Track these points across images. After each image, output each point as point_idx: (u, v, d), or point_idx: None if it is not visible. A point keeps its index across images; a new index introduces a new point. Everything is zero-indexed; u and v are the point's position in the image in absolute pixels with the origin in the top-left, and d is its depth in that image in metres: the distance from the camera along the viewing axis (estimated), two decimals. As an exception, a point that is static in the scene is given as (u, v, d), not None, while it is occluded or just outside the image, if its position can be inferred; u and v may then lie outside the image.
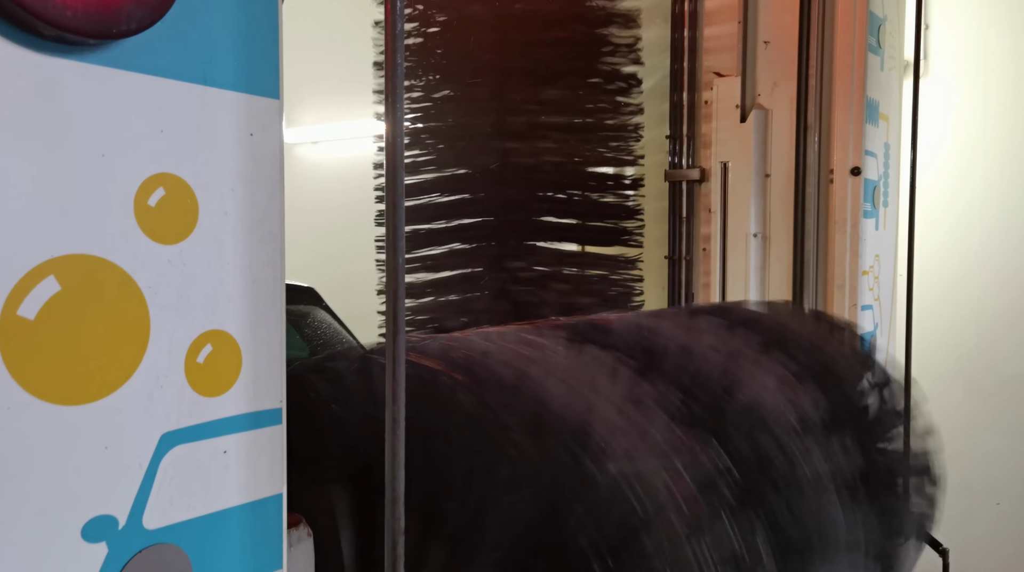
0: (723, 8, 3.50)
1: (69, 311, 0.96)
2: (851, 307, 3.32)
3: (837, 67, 3.27)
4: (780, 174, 3.41)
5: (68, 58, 0.94)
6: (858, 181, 3.27)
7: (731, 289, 3.53)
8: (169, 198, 1.05)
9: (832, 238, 3.33)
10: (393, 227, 1.10)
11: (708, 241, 3.60)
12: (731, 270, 3.52)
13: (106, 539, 1.01)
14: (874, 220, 3.39)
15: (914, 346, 2.95)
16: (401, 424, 1.11)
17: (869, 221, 3.34)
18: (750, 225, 3.47)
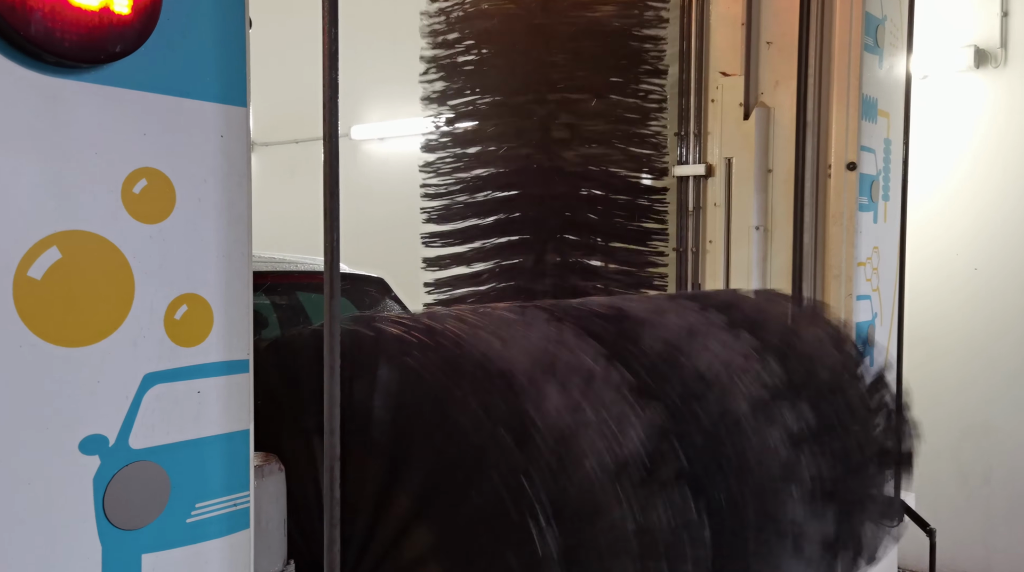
0: (728, 10, 3.65)
1: (68, 274, 1.24)
2: (847, 296, 3.44)
3: (835, 66, 3.40)
4: (781, 169, 3.55)
5: (67, 78, 1.22)
6: (854, 176, 3.39)
7: (735, 279, 3.69)
8: (151, 187, 1.32)
9: (829, 230, 3.46)
10: (330, 209, 1.36)
11: (714, 233, 3.76)
12: (735, 261, 3.69)
13: (99, 453, 1.29)
14: (872, 213, 3.50)
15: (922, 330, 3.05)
16: (336, 370, 1.37)
17: (866, 214, 3.46)
18: (753, 218, 3.62)
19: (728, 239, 3.67)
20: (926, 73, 5.16)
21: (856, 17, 3.32)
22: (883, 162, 3.56)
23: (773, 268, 3.60)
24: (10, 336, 1.18)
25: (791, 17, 3.45)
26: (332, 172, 1.37)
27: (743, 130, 3.62)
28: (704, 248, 3.79)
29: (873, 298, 3.58)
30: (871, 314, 3.58)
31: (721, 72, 3.68)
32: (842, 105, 3.38)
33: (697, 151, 3.77)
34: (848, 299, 3.44)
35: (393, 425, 1.60)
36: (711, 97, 3.72)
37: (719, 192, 3.69)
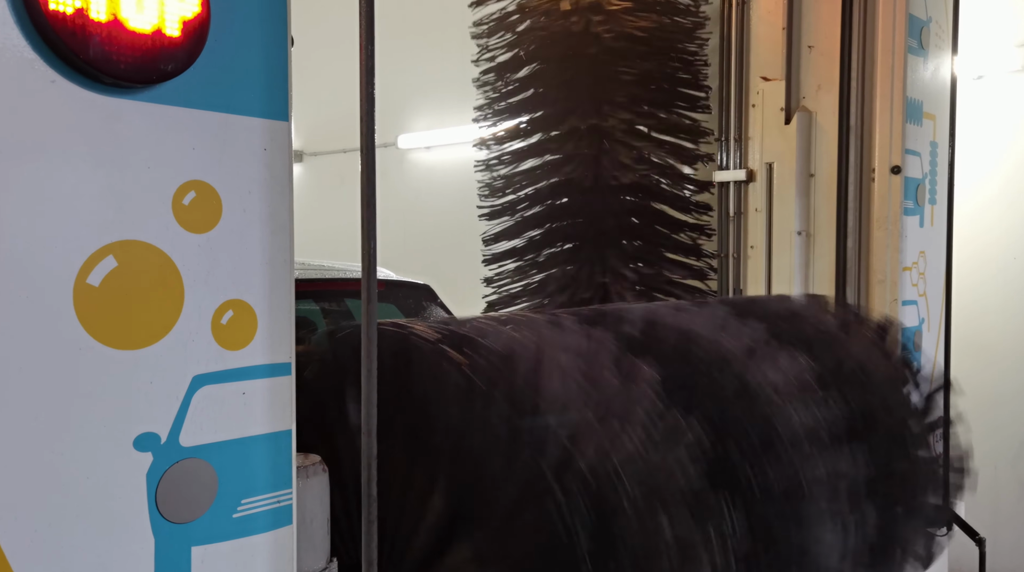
0: (769, 15, 3.65)
1: (123, 281, 1.32)
2: (892, 302, 3.40)
3: (879, 69, 3.37)
4: (823, 174, 3.54)
5: (123, 97, 1.31)
6: (898, 179, 3.35)
7: (777, 284, 3.68)
8: (199, 198, 1.40)
9: (873, 235, 3.42)
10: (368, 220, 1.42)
11: (755, 238, 3.75)
12: (777, 266, 3.67)
13: (151, 450, 1.37)
14: (918, 217, 3.46)
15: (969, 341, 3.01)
16: (374, 376, 1.42)
17: (911, 218, 3.42)
18: (795, 223, 3.61)
19: (770, 244, 3.66)
20: (980, 73, 5.06)
21: (899, 20, 3.29)
22: (929, 165, 3.52)
23: (816, 273, 3.58)
24: (71, 339, 1.27)
25: (832, 21, 3.44)
26: (369, 182, 1.43)
27: (784, 135, 3.61)
28: (746, 253, 3.79)
29: (920, 303, 3.54)
30: (918, 320, 3.53)
31: (762, 77, 3.68)
32: (886, 108, 3.35)
33: (738, 156, 3.76)
34: (894, 304, 3.40)
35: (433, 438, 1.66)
36: (752, 102, 3.72)
37: (760, 197, 3.69)
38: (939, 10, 3.48)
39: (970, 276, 4.30)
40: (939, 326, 3.65)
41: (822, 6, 3.51)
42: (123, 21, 1.27)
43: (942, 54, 3.51)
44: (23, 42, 1.20)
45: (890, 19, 3.31)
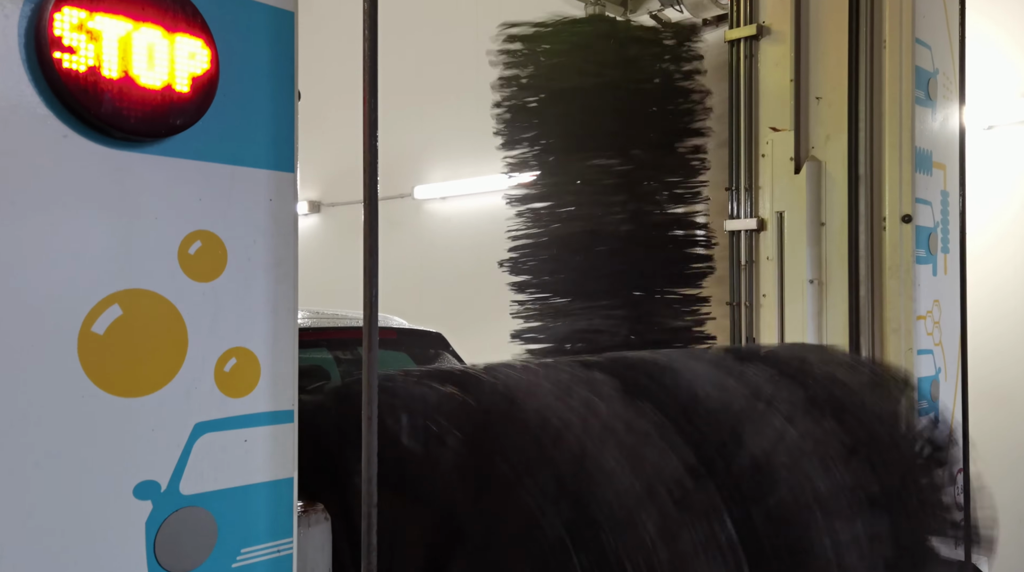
0: (777, 67, 3.69)
1: (128, 329, 1.34)
2: (907, 351, 3.37)
3: (887, 120, 3.40)
4: (834, 222, 3.54)
5: (132, 151, 1.34)
6: (910, 228, 3.35)
7: (790, 333, 3.65)
8: (205, 248, 1.43)
9: (886, 284, 3.41)
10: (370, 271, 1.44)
11: (767, 287, 3.74)
12: (789, 315, 3.66)
13: (151, 498, 1.37)
14: (931, 266, 3.44)
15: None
16: (374, 422, 1.43)
17: (924, 267, 3.40)
18: (807, 271, 3.60)
19: (782, 293, 3.65)
20: (991, 123, 5.07)
21: (906, 72, 3.32)
22: (941, 214, 3.51)
23: (829, 322, 3.55)
24: (74, 387, 1.29)
25: (840, 72, 3.48)
26: (372, 232, 1.45)
27: (795, 184, 3.63)
28: (758, 302, 3.78)
29: (936, 352, 3.50)
30: (934, 369, 3.49)
31: (771, 127, 3.71)
32: (895, 158, 3.37)
33: (748, 205, 3.78)
34: (909, 354, 3.37)
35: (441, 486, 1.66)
36: (762, 152, 3.74)
37: (771, 246, 3.69)
38: (946, 62, 3.52)
39: (987, 326, 4.25)
40: (956, 376, 3.60)
41: (829, 58, 3.55)
42: (134, 78, 1.32)
43: (950, 105, 3.54)
44: (37, 99, 1.24)
45: (897, 71, 3.35)
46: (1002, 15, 4.80)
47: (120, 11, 1.30)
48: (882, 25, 3.38)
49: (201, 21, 1.39)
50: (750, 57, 3.78)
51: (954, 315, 3.53)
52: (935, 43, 3.44)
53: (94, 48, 1.27)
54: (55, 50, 1.23)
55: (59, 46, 1.23)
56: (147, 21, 1.33)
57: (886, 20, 3.37)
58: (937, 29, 3.47)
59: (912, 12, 3.32)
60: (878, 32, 3.37)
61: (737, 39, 3.80)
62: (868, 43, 3.38)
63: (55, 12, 1.23)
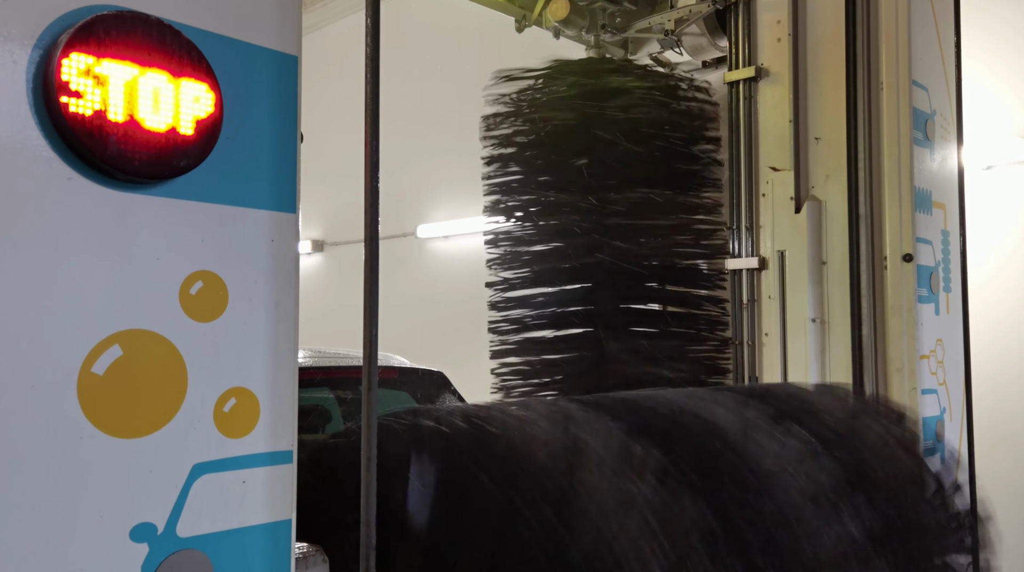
0: (776, 108, 3.73)
1: (128, 369, 1.35)
2: (911, 391, 3.35)
3: (885, 160, 3.42)
4: (835, 261, 3.54)
5: (135, 192, 1.36)
6: (911, 267, 3.35)
7: (792, 372, 3.64)
8: (206, 289, 1.44)
9: (888, 323, 3.40)
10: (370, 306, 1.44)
11: (769, 326, 3.74)
12: (792, 354, 3.64)
13: (148, 541, 1.36)
14: (933, 305, 3.44)
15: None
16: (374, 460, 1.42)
17: (927, 306, 3.40)
18: (808, 310, 3.60)
19: (784, 332, 3.64)
20: (990, 164, 5.11)
21: (904, 113, 3.36)
22: (942, 253, 3.52)
23: (832, 361, 3.54)
24: (72, 428, 1.28)
25: (838, 113, 3.52)
26: (372, 271, 1.46)
27: (795, 223, 3.64)
28: (760, 341, 3.77)
29: (940, 392, 3.48)
30: (939, 409, 3.47)
31: (771, 167, 3.74)
32: (894, 198, 3.39)
33: (749, 244, 3.79)
34: (913, 393, 3.35)
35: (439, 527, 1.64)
36: (762, 191, 3.77)
37: (773, 285, 3.69)
38: (943, 103, 3.55)
39: (991, 365, 4.23)
40: (961, 415, 3.58)
41: (827, 99, 3.59)
42: (140, 121, 1.34)
43: (948, 145, 3.56)
44: (43, 142, 1.26)
45: (895, 112, 3.38)
46: (997, 60, 4.87)
47: (127, 56, 1.32)
48: (879, 67, 3.42)
49: (206, 65, 1.42)
50: (749, 98, 3.82)
51: (957, 354, 3.52)
52: (932, 85, 3.48)
53: (100, 92, 1.29)
54: (62, 94, 1.25)
55: (66, 90, 1.25)
56: (153, 66, 1.35)
57: (883, 62, 3.41)
58: (933, 71, 3.51)
59: (908, 54, 3.36)
60: (875, 74, 3.41)
61: (736, 80, 3.85)
62: (865, 85, 3.42)
63: (63, 58, 1.25)
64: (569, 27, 4.25)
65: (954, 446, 3.48)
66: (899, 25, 3.37)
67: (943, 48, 3.57)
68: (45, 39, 1.26)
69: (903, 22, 3.37)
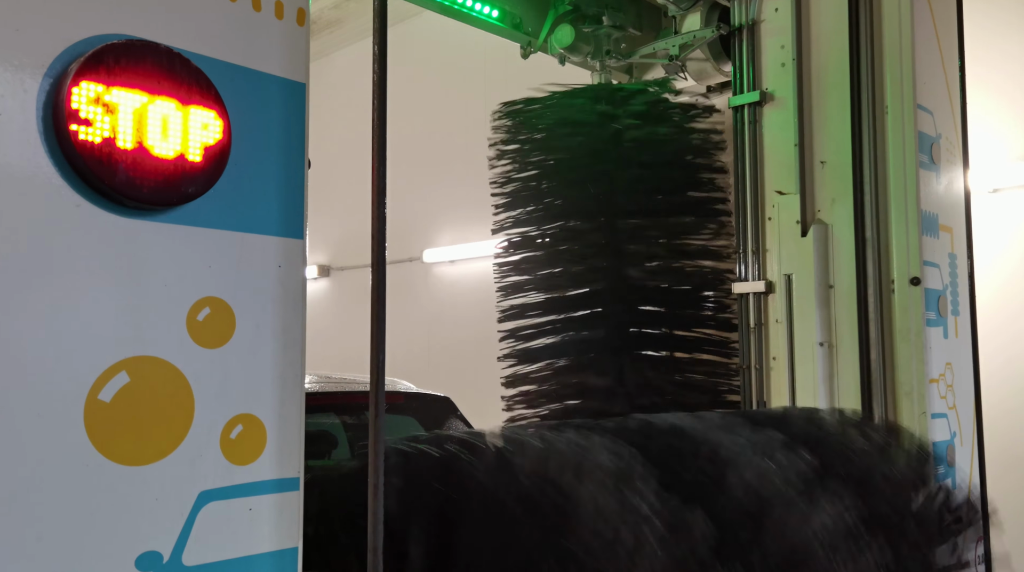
0: (781, 132, 3.74)
1: (135, 397, 1.34)
2: (920, 415, 3.32)
3: (891, 184, 3.42)
4: (843, 285, 3.53)
5: (143, 219, 1.36)
6: (919, 291, 3.34)
7: (801, 396, 3.61)
8: (213, 315, 1.44)
9: (897, 346, 3.38)
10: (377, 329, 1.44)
11: (777, 350, 3.72)
12: (800, 378, 3.62)
13: (153, 570, 1.35)
14: (941, 328, 3.42)
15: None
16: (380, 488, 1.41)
17: (935, 329, 3.38)
18: (816, 334, 3.58)
19: (792, 356, 3.62)
20: (996, 186, 5.11)
21: (909, 136, 3.36)
22: (949, 277, 3.50)
23: (840, 385, 3.51)
24: (78, 456, 1.28)
25: (843, 137, 3.52)
26: (379, 298, 1.46)
27: (801, 247, 3.63)
28: (768, 365, 3.74)
29: (950, 416, 3.44)
30: (949, 433, 3.43)
31: (777, 191, 3.74)
32: (901, 221, 3.38)
33: (756, 268, 3.78)
34: (922, 417, 3.31)
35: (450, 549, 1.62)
36: (768, 215, 3.76)
37: (780, 308, 3.68)
38: (948, 127, 3.56)
39: (1002, 388, 4.20)
40: (972, 440, 3.54)
41: (832, 123, 3.59)
42: (148, 148, 1.35)
43: (954, 168, 3.56)
44: (52, 170, 1.27)
45: (900, 136, 3.38)
46: (1001, 83, 4.88)
47: (136, 85, 1.33)
48: (883, 91, 3.43)
49: (215, 93, 1.43)
50: (754, 122, 3.83)
51: (967, 378, 3.49)
52: (936, 109, 3.48)
53: (110, 120, 1.30)
54: (72, 122, 1.26)
55: (76, 119, 1.26)
56: (162, 94, 1.36)
57: (887, 86, 3.42)
58: (938, 95, 3.52)
59: (913, 78, 3.37)
60: (879, 98, 3.42)
61: (741, 105, 3.86)
62: (870, 108, 3.43)
63: (73, 86, 1.26)
64: (575, 53, 4.27)
65: (965, 471, 3.45)
66: (903, 49, 3.38)
67: (947, 72, 3.58)
68: (56, 68, 1.28)
69: (907, 46, 3.39)
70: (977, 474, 3.30)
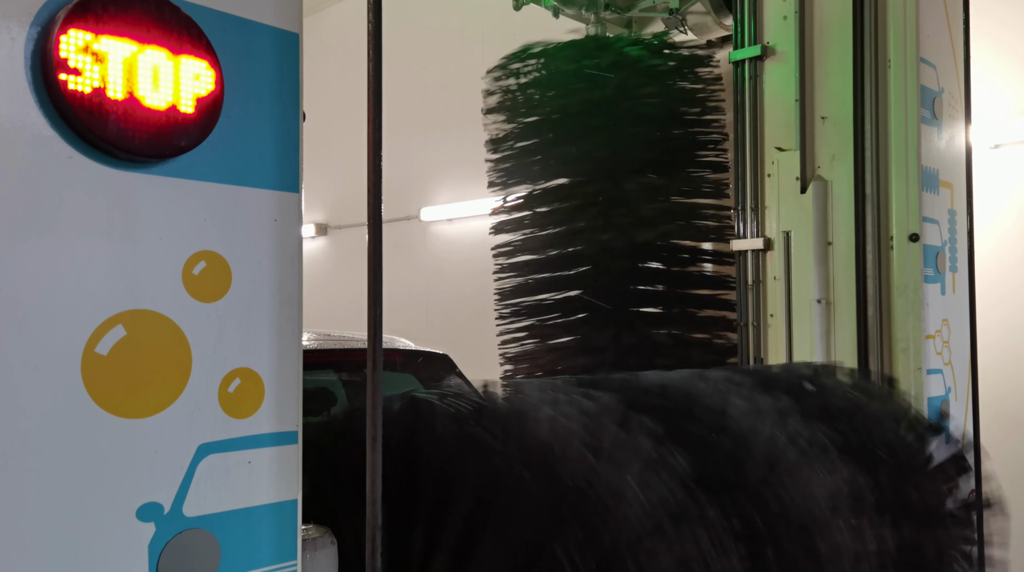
0: (782, 88, 3.70)
1: (132, 350, 1.34)
2: (916, 371, 3.34)
3: (892, 139, 3.39)
4: (841, 242, 3.52)
5: (136, 172, 1.35)
6: (917, 247, 3.33)
7: (798, 353, 3.63)
8: (209, 269, 1.43)
9: (894, 303, 3.39)
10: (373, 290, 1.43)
11: (775, 307, 3.72)
12: (797, 335, 3.63)
13: (154, 520, 1.36)
14: (939, 285, 3.42)
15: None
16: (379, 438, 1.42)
17: (932, 286, 3.38)
18: (814, 291, 3.58)
19: (789, 313, 3.62)
20: (997, 142, 5.07)
21: (911, 91, 3.32)
22: (948, 233, 3.49)
23: (837, 342, 3.53)
24: (77, 408, 1.28)
25: (844, 92, 3.48)
26: (376, 251, 1.45)
27: (801, 204, 3.62)
28: (765, 322, 3.75)
29: (945, 372, 3.46)
30: (944, 388, 3.46)
31: (776, 147, 3.71)
32: (901, 177, 3.36)
33: (755, 225, 3.77)
34: (918, 373, 3.33)
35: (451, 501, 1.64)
36: (767, 172, 3.74)
37: (779, 266, 3.67)
38: (951, 81, 3.52)
39: (997, 343, 4.21)
40: (967, 395, 3.57)
41: (834, 78, 3.55)
42: (139, 99, 1.32)
43: (956, 124, 3.53)
44: (42, 120, 1.25)
45: (902, 90, 3.35)
46: (1005, 37, 4.81)
47: (125, 33, 1.31)
48: (886, 45, 3.38)
49: (206, 42, 1.40)
50: (755, 77, 3.79)
51: (963, 334, 3.50)
52: (940, 63, 3.44)
53: (99, 70, 1.27)
54: (60, 71, 1.24)
55: (65, 68, 1.24)
56: (152, 43, 1.33)
57: (890, 40, 3.37)
58: (942, 49, 3.47)
59: (916, 32, 3.32)
60: (882, 52, 3.38)
61: (741, 60, 3.81)
62: (873, 63, 3.38)
63: (61, 34, 1.24)
64: (568, 6, 4.20)
65: (960, 425, 3.48)
66: (907, 2, 3.33)
67: (951, 25, 3.53)
68: (43, 15, 1.25)
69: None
70: (971, 428, 3.33)
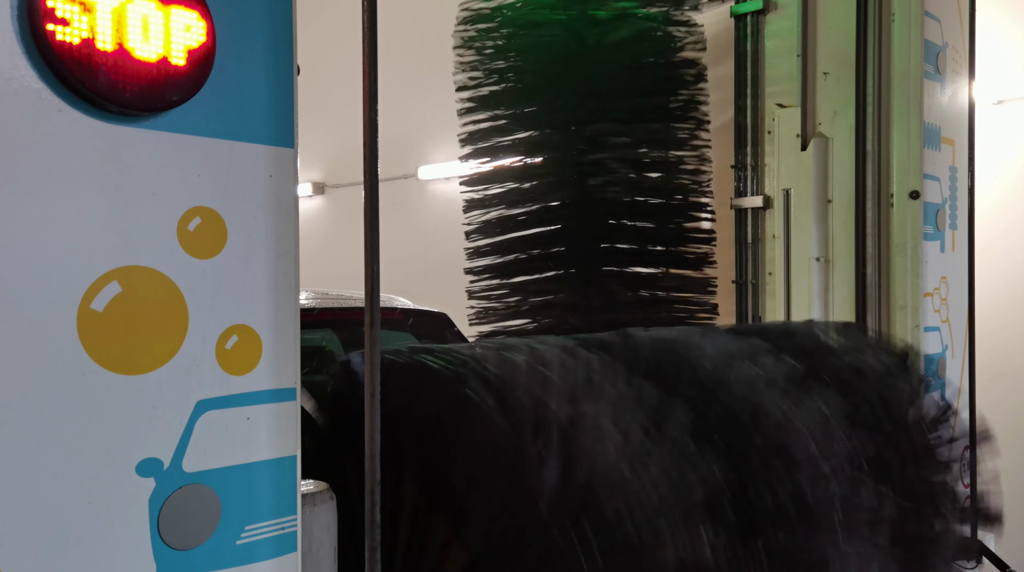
0: (783, 42, 3.65)
1: (128, 306, 1.33)
2: (914, 328, 3.35)
3: (895, 95, 3.35)
4: (841, 199, 3.50)
5: (128, 126, 1.33)
6: (917, 205, 3.32)
7: (796, 311, 3.63)
8: (204, 225, 1.41)
9: (893, 261, 3.38)
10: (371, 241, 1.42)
11: (773, 265, 3.72)
12: (795, 293, 3.63)
13: (154, 476, 1.37)
14: (938, 242, 3.41)
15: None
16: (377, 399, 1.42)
17: (932, 243, 3.37)
18: (813, 249, 3.57)
19: (788, 271, 3.62)
20: (1000, 98, 5.02)
21: (915, 45, 3.28)
22: (949, 190, 3.47)
23: (835, 300, 3.53)
24: (73, 364, 1.28)
25: (847, 47, 3.43)
26: (372, 207, 1.44)
27: (801, 161, 3.59)
28: (764, 280, 3.75)
29: (943, 330, 3.47)
30: (941, 346, 3.47)
31: (777, 103, 3.67)
32: (903, 134, 3.33)
33: (754, 183, 3.75)
34: (915, 331, 3.34)
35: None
36: (767, 129, 3.70)
37: (778, 224, 3.66)
38: (955, 35, 3.47)
39: (995, 301, 4.22)
40: (963, 353, 3.58)
41: (837, 32, 3.50)
42: (129, 51, 1.30)
43: (959, 79, 3.49)
44: (30, 71, 1.22)
45: (905, 45, 3.30)
46: (1012, -11, 4.74)
47: (114, -18, 1.28)
48: (890, -2, 3.33)
49: (197, -8, 1.37)
50: (756, 32, 3.73)
51: (962, 292, 3.50)
52: (944, 16, 3.39)
53: (88, 20, 1.24)
54: (48, 22, 1.21)
55: (52, 18, 1.21)
56: (142, -8, 1.30)
57: (895, -8, 3.32)
58: (946, 2, 3.41)
59: (921, -15, 3.27)
60: (886, 4, 3.32)
61: (743, 14, 3.75)
62: (876, 16, 3.33)
63: (48, -17, 1.21)
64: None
65: (956, 383, 3.50)
66: (912, -47, 3.27)
67: (957, -23, 3.47)
68: (28, -37, 1.22)
69: (916, -50, 3.27)
70: (967, 386, 3.34)
